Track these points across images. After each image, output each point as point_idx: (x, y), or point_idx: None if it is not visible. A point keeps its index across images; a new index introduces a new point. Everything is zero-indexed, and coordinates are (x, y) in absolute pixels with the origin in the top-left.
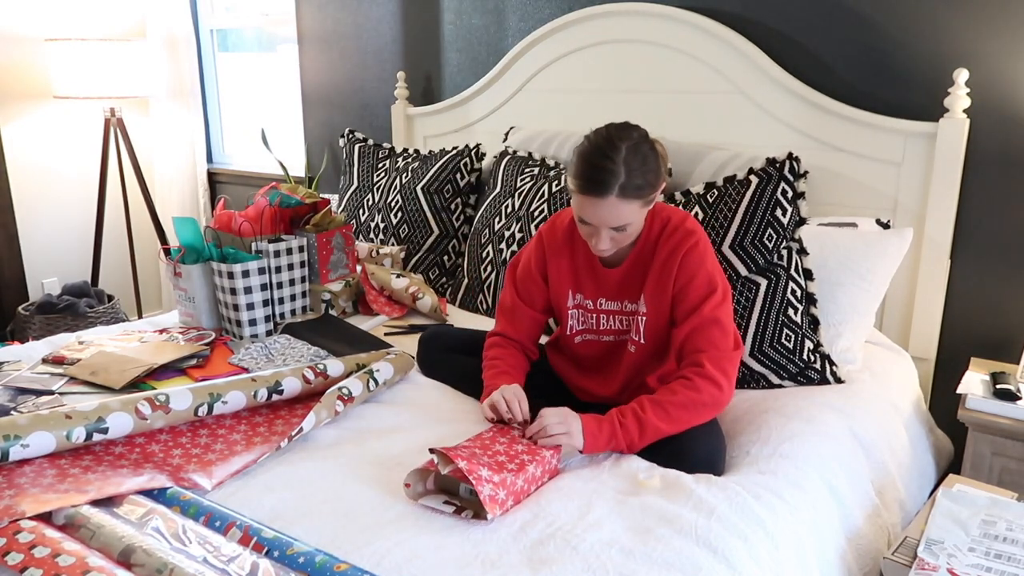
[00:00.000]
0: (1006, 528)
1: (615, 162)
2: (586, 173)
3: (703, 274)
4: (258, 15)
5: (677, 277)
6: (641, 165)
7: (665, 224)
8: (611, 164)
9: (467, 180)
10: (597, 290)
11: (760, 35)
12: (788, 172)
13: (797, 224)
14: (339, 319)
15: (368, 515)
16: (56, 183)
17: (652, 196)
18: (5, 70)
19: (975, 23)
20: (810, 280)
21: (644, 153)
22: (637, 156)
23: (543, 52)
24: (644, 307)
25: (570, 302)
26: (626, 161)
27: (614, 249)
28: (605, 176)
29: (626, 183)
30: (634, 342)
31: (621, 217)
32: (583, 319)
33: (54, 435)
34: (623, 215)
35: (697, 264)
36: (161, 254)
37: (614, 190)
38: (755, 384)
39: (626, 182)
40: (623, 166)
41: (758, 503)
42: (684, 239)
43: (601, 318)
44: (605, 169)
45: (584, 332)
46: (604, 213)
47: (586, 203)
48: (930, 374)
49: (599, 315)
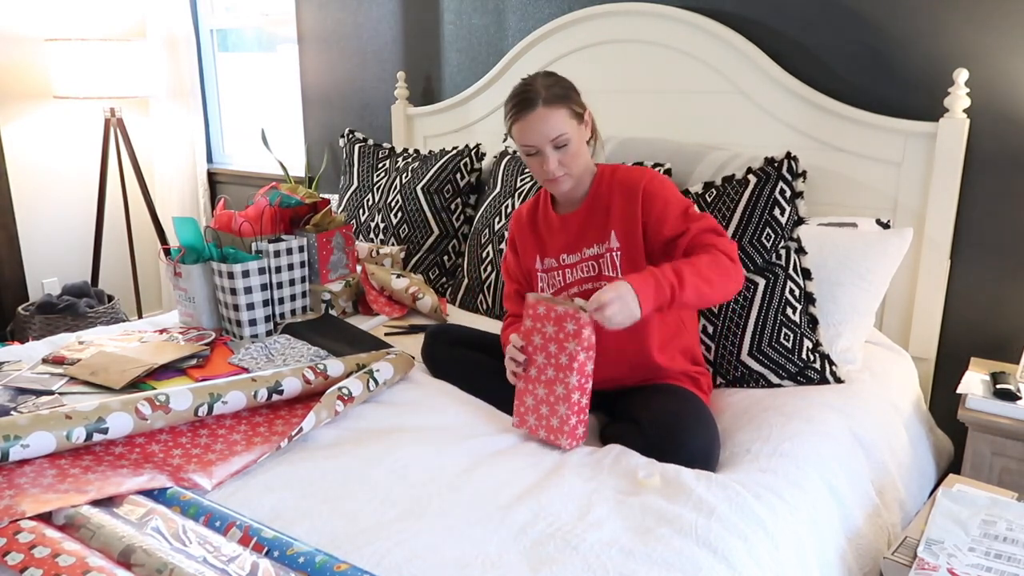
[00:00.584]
0: (1006, 528)
1: (534, 83)
2: (512, 101)
3: (672, 196)
4: (258, 15)
5: (645, 209)
6: (555, 82)
7: (615, 169)
8: (531, 85)
9: (467, 180)
10: (558, 247)
11: (760, 35)
12: (786, 172)
13: (795, 224)
14: (339, 319)
15: (368, 515)
16: (56, 183)
17: (577, 108)
18: (5, 70)
19: (975, 23)
20: (809, 279)
21: (556, 78)
22: (551, 77)
23: (543, 52)
24: (616, 242)
25: (538, 265)
26: (543, 81)
27: (567, 178)
28: (529, 93)
29: (547, 95)
30: (610, 279)
31: (555, 126)
32: (550, 280)
33: (54, 435)
34: (556, 123)
35: (660, 189)
36: (161, 254)
37: (539, 102)
38: (754, 383)
39: (547, 94)
40: (541, 84)
41: (758, 503)
42: (639, 175)
43: (566, 272)
44: (528, 88)
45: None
46: (537, 125)
47: (522, 128)
48: (930, 374)
49: (563, 270)
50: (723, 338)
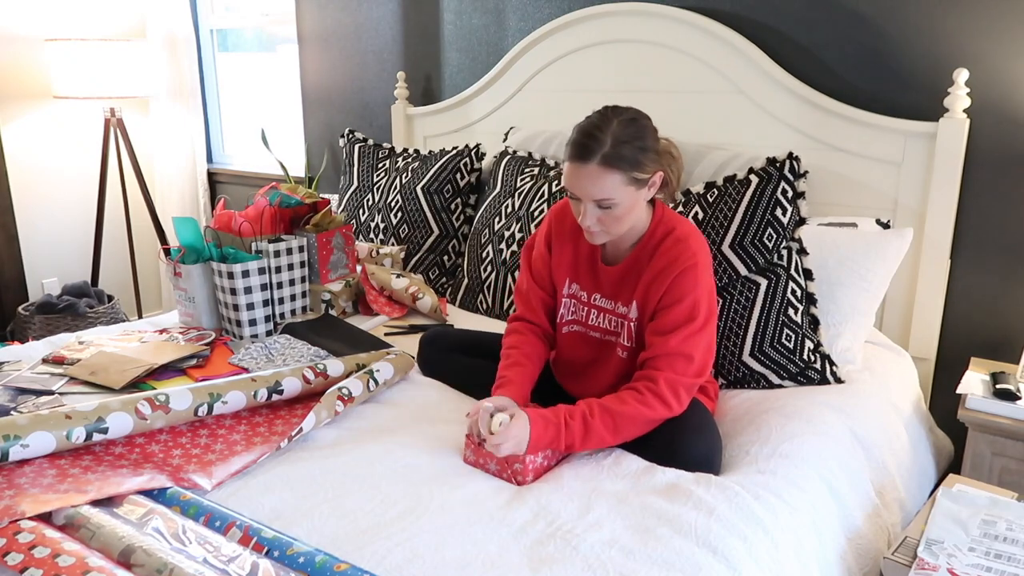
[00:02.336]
0: (1006, 528)
1: (603, 131)
2: (574, 139)
3: (689, 300)
4: (258, 15)
5: (665, 294)
6: (630, 139)
7: (669, 232)
8: (599, 132)
9: (467, 180)
10: (593, 285)
11: (760, 35)
12: (788, 172)
13: (797, 224)
14: (339, 319)
15: (368, 515)
16: (56, 183)
17: (639, 176)
18: (5, 70)
19: (975, 23)
20: (810, 280)
21: (637, 129)
22: (628, 130)
23: (543, 52)
24: (635, 312)
25: (566, 290)
26: (615, 132)
27: (603, 235)
28: (590, 142)
29: (610, 152)
30: (624, 347)
31: (603, 189)
32: (575, 310)
33: (54, 435)
34: (605, 186)
35: (689, 288)
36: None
37: (596, 157)
38: (755, 384)
39: (610, 151)
40: (610, 136)
41: (758, 503)
42: (682, 255)
43: (592, 313)
44: (592, 136)
45: (573, 323)
46: (586, 182)
47: (570, 171)
48: (930, 374)
49: (591, 309)
50: (725, 339)
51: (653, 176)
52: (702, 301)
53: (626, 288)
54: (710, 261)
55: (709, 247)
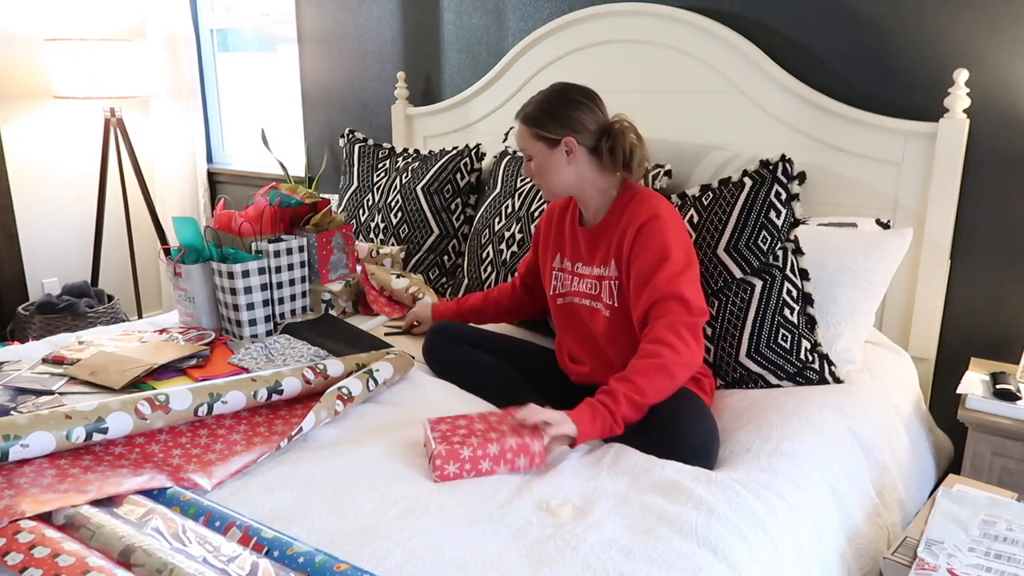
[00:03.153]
0: (1006, 528)
1: (536, 96)
2: None
3: (657, 244)
4: (258, 15)
5: (634, 245)
6: (550, 104)
7: (634, 195)
8: (533, 97)
9: (467, 180)
10: (574, 252)
11: (760, 35)
12: (781, 174)
13: (791, 226)
14: (339, 319)
15: (368, 515)
16: (56, 183)
17: (543, 133)
18: (5, 70)
19: (975, 23)
20: (806, 280)
21: (556, 97)
22: (554, 97)
23: (543, 52)
24: (613, 270)
25: (555, 264)
26: (543, 97)
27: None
28: (525, 104)
29: (527, 113)
30: (607, 306)
31: (521, 141)
32: (562, 281)
33: (54, 435)
34: (521, 139)
35: (654, 235)
36: (161, 254)
37: (520, 116)
38: (753, 385)
39: (528, 111)
40: (535, 100)
41: (758, 502)
42: (643, 208)
43: (574, 280)
44: (530, 99)
45: (563, 295)
46: (517, 137)
47: None
48: (930, 374)
49: (573, 277)
50: (721, 340)
51: (562, 139)
52: (672, 245)
53: (601, 248)
54: (676, 215)
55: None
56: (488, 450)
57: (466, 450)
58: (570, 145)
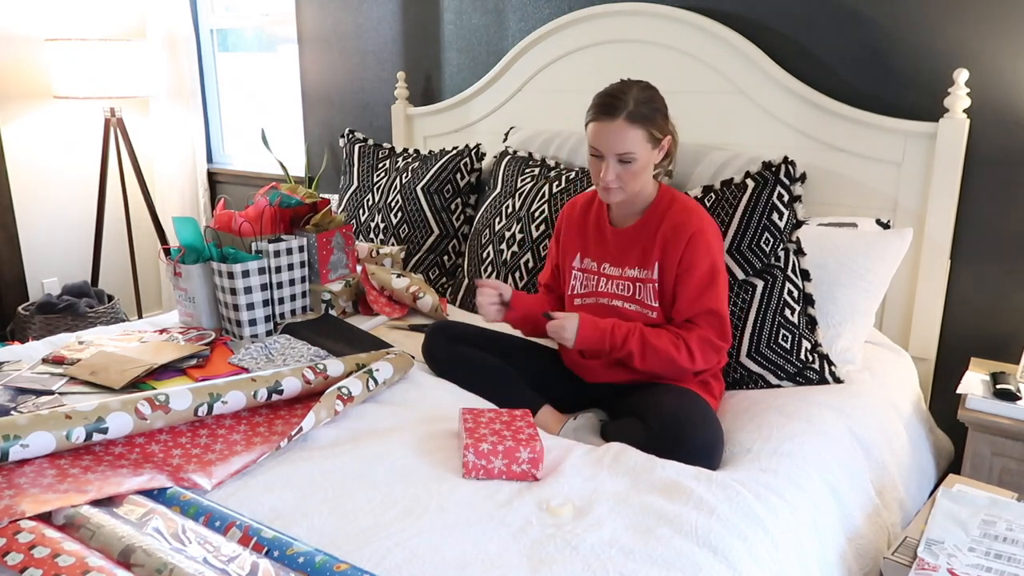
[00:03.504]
0: (1006, 528)
1: (625, 93)
2: (598, 101)
3: (708, 261)
4: (258, 15)
5: (682, 259)
6: (648, 101)
7: (674, 200)
8: (621, 94)
9: (467, 180)
10: (602, 252)
11: (760, 35)
12: (784, 176)
13: (794, 227)
14: (339, 319)
15: (368, 515)
16: (56, 183)
17: (657, 134)
18: (5, 70)
19: (975, 23)
20: (807, 281)
21: (653, 94)
22: (645, 93)
23: (543, 52)
24: (656, 275)
25: (576, 264)
26: (635, 95)
27: (620, 192)
28: (615, 101)
29: (633, 110)
30: (652, 308)
31: (626, 142)
32: (585, 281)
33: (54, 435)
34: (628, 140)
35: (703, 252)
36: (161, 254)
37: (622, 113)
38: (754, 385)
39: (633, 109)
40: (631, 97)
41: (758, 502)
42: (691, 219)
43: (602, 281)
44: (616, 96)
45: (584, 295)
46: (612, 137)
47: (597, 129)
48: (930, 374)
49: (600, 277)
50: None
51: (665, 139)
52: (719, 262)
53: (637, 250)
54: (717, 228)
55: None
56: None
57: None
58: (667, 145)
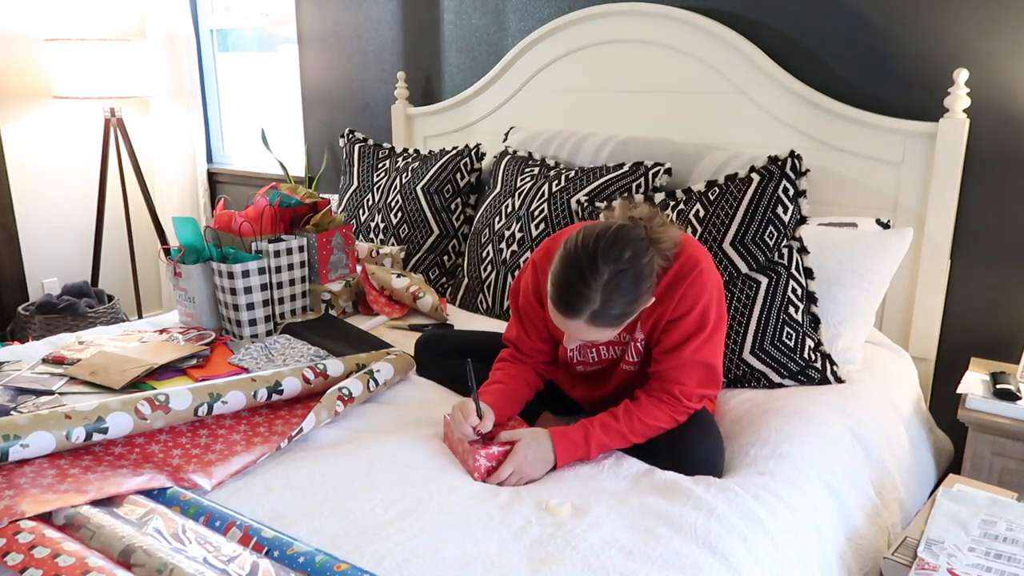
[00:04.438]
0: (1006, 528)
1: (591, 288)
2: (560, 291)
3: (699, 309)
4: (258, 15)
5: (676, 306)
6: (621, 295)
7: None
8: (586, 290)
9: (467, 180)
10: None
11: (760, 35)
12: (790, 170)
13: (798, 222)
14: (339, 319)
15: (368, 515)
16: (56, 183)
17: (632, 318)
18: (5, 70)
19: (975, 23)
20: (810, 279)
21: (630, 280)
22: (621, 284)
23: (543, 52)
24: (640, 334)
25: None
26: (605, 288)
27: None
28: (577, 301)
29: (599, 311)
30: (630, 363)
31: (591, 337)
32: (582, 350)
33: (54, 435)
34: (593, 335)
35: (697, 295)
36: (161, 254)
37: (584, 315)
38: (755, 383)
39: (599, 310)
40: (600, 294)
41: (757, 503)
42: (686, 264)
43: (601, 350)
44: (579, 293)
45: (582, 363)
46: (575, 331)
47: (556, 316)
48: (930, 374)
49: (597, 348)
50: (725, 336)
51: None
52: (711, 307)
53: None
54: (711, 260)
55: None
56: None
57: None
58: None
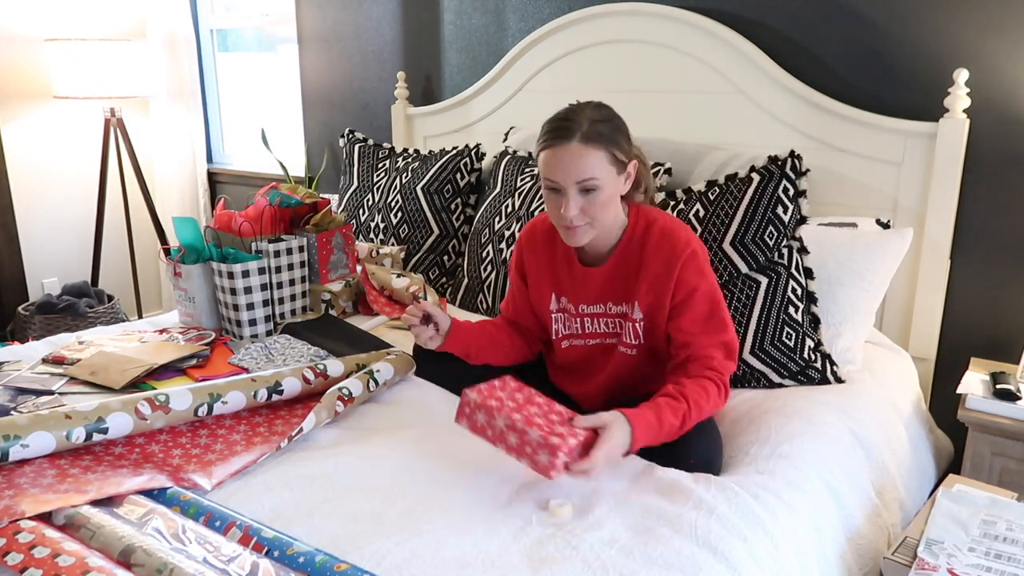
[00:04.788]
0: (1006, 528)
1: (577, 113)
2: (548, 127)
3: (705, 288)
4: (258, 15)
5: (676, 290)
6: (606, 119)
7: (650, 224)
8: (573, 115)
9: (467, 180)
10: (578, 294)
11: (760, 35)
12: (790, 170)
13: (798, 222)
14: (339, 319)
15: (368, 515)
16: (56, 183)
17: (619, 155)
18: (5, 70)
19: (975, 23)
20: (810, 279)
21: (609, 113)
22: (600, 111)
23: (543, 52)
24: (639, 313)
25: (553, 305)
26: (588, 115)
27: (587, 229)
28: (567, 124)
29: (588, 130)
30: (628, 345)
31: (586, 167)
32: (567, 323)
33: (54, 435)
34: (588, 163)
35: (696, 277)
36: (161, 254)
37: (576, 136)
38: (755, 383)
39: (588, 129)
40: (585, 118)
41: (757, 503)
42: (677, 246)
43: (585, 321)
44: (567, 119)
45: (570, 337)
46: (568, 162)
47: (550, 157)
48: (930, 374)
49: (583, 319)
50: None
51: (629, 163)
52: (713, 286)
53: (615, 288)
54: (701, 243)
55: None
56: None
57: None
58: (632, 171)
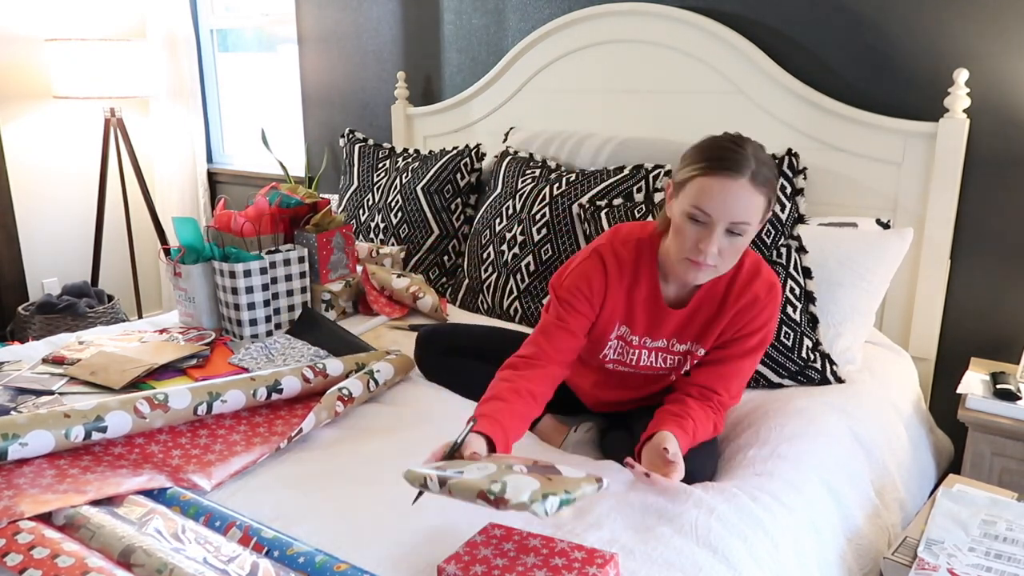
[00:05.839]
0: (1006, 528)
1: (745, 146)
2: (717, 154)
3: (765, 330)
4: (258, 15)
5: (748, 323)
6: (770, 164)
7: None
8: (742, 147)
9: (467, 180)
10: (649, 329)
11: (760, 35)
12: (787, 168)
13: (796, 221)
14: (322, 316)
15: (368, 515)
16: (56, 183)
17: (774, 204)
18: (5, 70)
19: (975, 23)
20: (809, 279)
21: (770, 158)
22: (764, 152)
23: (543, 52)
24: (703, 350)
25: (614, 333)
26: (756, 153)
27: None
28: (740, 157)
29: (757, 171)
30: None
31: (747, 209)
32: (622, 351)
33: (53, 434)
34: (750, 207)
35: (767, 319)
36: (161, 254)
37: (747, 173)
38: (754, 383)
39: (757, 170)
40: (753, 155)
41: (757, 504)
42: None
43: (643, 355)
44: (738, 152)
45: (617, 363)
46: (733, 199)
47: (713, 186)
48: (930, 374)
49: (640, 351)
50: None
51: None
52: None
53: (689, 329)
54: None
55: None
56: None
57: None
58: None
